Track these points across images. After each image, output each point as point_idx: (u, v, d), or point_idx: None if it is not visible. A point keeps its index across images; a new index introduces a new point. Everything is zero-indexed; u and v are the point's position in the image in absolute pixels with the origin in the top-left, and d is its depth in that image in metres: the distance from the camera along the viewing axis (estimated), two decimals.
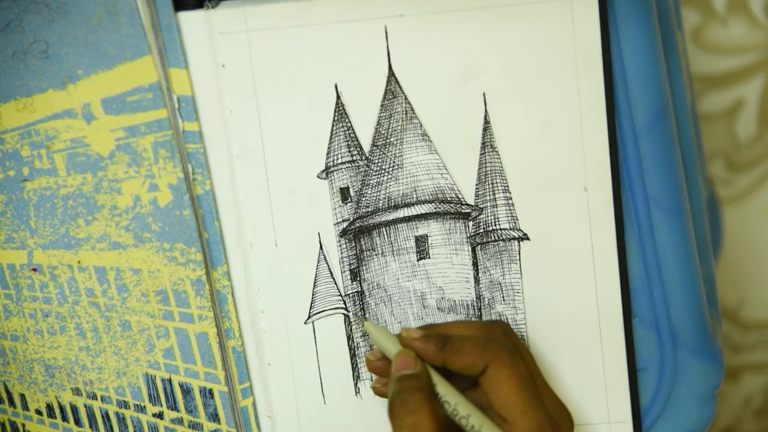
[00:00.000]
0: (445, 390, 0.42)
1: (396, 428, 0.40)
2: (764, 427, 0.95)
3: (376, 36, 0.45)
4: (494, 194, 0.46)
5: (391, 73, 0.46)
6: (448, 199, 0.47)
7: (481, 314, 0.48)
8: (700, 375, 0.48)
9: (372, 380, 0.47)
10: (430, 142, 0.46)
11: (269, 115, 0.46)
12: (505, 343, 0.43)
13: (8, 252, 0.49)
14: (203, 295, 0.47)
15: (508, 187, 0.46)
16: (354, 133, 0.46)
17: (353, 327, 0.48)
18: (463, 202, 0.47)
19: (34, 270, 0.49)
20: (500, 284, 0.47)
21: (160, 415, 0.50)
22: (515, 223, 0.47)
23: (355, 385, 0.48)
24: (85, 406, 0.51)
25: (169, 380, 0.49)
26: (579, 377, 0.48)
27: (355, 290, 0.48)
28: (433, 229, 0.47)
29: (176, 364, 0.48)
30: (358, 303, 0.48)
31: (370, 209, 0.47)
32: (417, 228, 0.47)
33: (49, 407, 0.52)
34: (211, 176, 0.47)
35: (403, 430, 0.40)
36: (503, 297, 0.47)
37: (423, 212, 0.47)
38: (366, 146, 0.47)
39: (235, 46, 0.45)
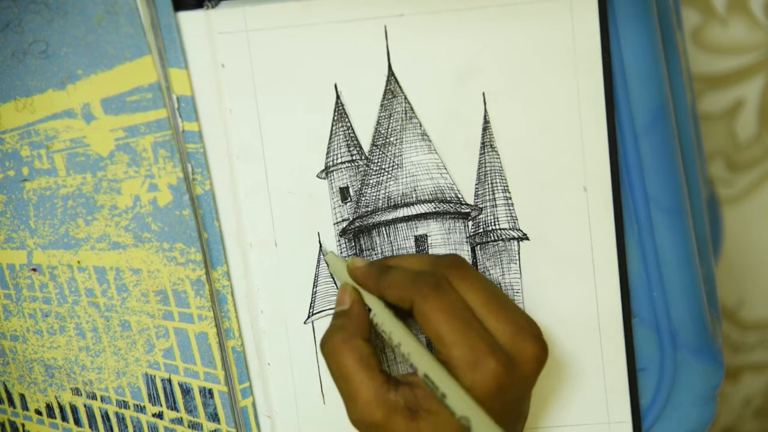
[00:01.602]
0: (383, 319, 0.43)
1: (327, 366, 0.43)
2: (764, 427, 0.95)
3: (376, 36, 0.45)
4: (494, 194, 0.46)
5: (390, 73, 0.46)
6: (448, 198, 0.47)
7: None
8: (700, 375, 0.48)
9: None
10: (430, 141, 0.46)
11: (269, 115, 0.46)
12: (433, 277, 0.42)
13: (8, 252, 0.49)
14: (203, 295, 0.47)
15: (507, 187, 0.46)
16: (354, 132, 0.46)
17: None
18: (463, 202, 0.47)
19: (34, 270, 0.49)
20: (500, 284, 0.47)
21: (160, 415, 0.50)
22: (515, 223, 0.47)
23: None
24: (85, 406, 0.51)
25: (169, 380, 0.49)
26: (579, 377, 0.48)
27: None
28: (432, 228, 0.47)
29: (176, 364, 0.48)
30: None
31: (369, 209, 0.47)
32: (416, 228, 0.47)
33: (49, 407, 0.52)
34: (211, 176, 0.46)
35: (330, 369, 0.42)
36: None
37: (422, 212, 0.47)
38: (366, 146, 0.47)
39: (234, 46, 0.45)
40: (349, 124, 0.46)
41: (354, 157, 0.47)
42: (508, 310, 0.41)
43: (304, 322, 0.48)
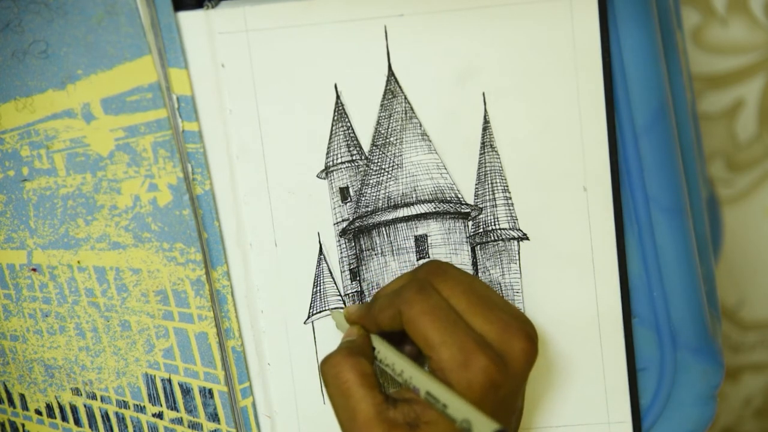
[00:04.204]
0: (385, 354, 0.43)
1: (325, 385, 0.42)
2: (764, 427, 0.95)
3: (376, 36, 0.45)
4: (494, 194, 0.46)
5: (390, 73, 0.46)
6: (448, 198, 0.47)
7: None
8: (700, 375, 0.48)
9: None
10: (430, 141, 0.46)
11: (269, 115, 0.46)
12: (414, 283, 0.42)
13: (8, 252, 0.49)
14: (203, 295, 0.47)
15: (507, 186, 0.46)
16: (354, 132, 0.46)
17: None
18: (463, 202, 0.47)
19: (34, 270, 0.49)
20: (500, 284, 0.47)
21: (160, 415, 0.50)
22: (515, 222, 0.47)
23: None
24: (85, 406, 0.51)
25: (169, 380, 0.49)
26: (579, 377, 0.48)
27: (354, 290, 0.48)
28: (432, 228, 0.47)
29: (176, 364, 0.48)
30: (357, 303, 0.48)
31: (369, 209, 0.47)
32: (416, 228, 0.47)
33: (49, 407, 0.52)
34: (211, 176, 0.46)
35: (328, 386, 0.42)
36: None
37: (422, 212, 0.47)
38: (366, 146, 0.47)
39: (234, 45, 0.45)
40: (349, 124, 0.46)
41: (354, 157, 0.47)
42: (493, 309, 0.41)
43: (304, 322, 0.48)
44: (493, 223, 0.47)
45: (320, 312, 0.48)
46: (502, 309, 0.41)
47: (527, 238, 0.47)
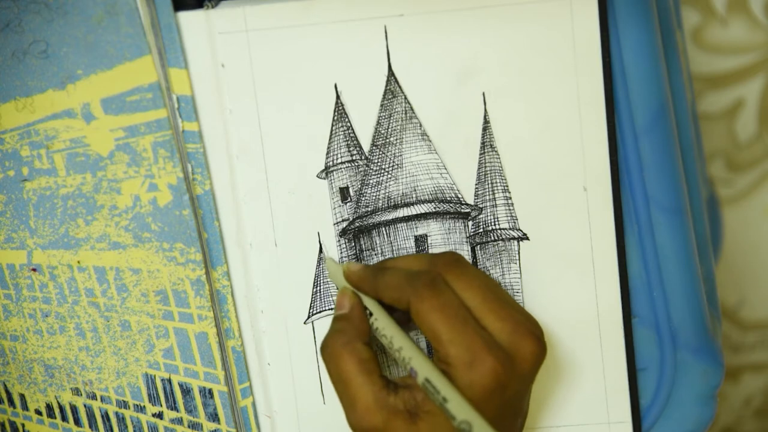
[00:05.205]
0: (383, 324, 0.43)
1: (326, 370, 0.43)
2: (764, 427, 0.95)
3: (376, 36, 0.45)
4: (494, 194, 0.46)
5: (390, 73, 0.46)
6: (448, 198, 0.47)
7: None
8: (700, 375, 0.48)
9: None
10: (430, 141, 0.46)
11: (269, 115, 0.46)
12: (428, 276, 0.41)
13: (8, 252, 0.49)
14: (203, 295, 0.47)
15: (507, 186, 0.46)
16: (354, 132, 0.46)
17: None
18: (463, 202, 0.47)
19: (34, 270, 0.49)
20: (500, 284, 0.47)
21: (160, 415, 0.50)
22: (515, 222, 0.47)
23: None
24: (85, 406, 0.51)
25: (169, 380, 0.49)
26: (579, 377, 0.48)
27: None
28: (432, 228, 0.47)
29: (176, 364, 0.48)
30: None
31: (369, 209, 0.47)
32: (416, 228, 0.47)
33: (49, 407, 0.52)
34: (211, 176, 0.46)
35: (329, 373, 0.42)
36: None
37: (422, 212, 0.47)
38: (366, 146, 0.47)
39: (234, 45, 0.45)
40: (349, 124, 0.46)
41: (354, 157, 0.47)
42: (506, 308, 0.41)
43: (304, 322, 0.48)
44: (493, 223, 0.47)
45: (320, 312, 0.48)
46: (514, 308, 0.41)
47: (527, 238, 0.47)
